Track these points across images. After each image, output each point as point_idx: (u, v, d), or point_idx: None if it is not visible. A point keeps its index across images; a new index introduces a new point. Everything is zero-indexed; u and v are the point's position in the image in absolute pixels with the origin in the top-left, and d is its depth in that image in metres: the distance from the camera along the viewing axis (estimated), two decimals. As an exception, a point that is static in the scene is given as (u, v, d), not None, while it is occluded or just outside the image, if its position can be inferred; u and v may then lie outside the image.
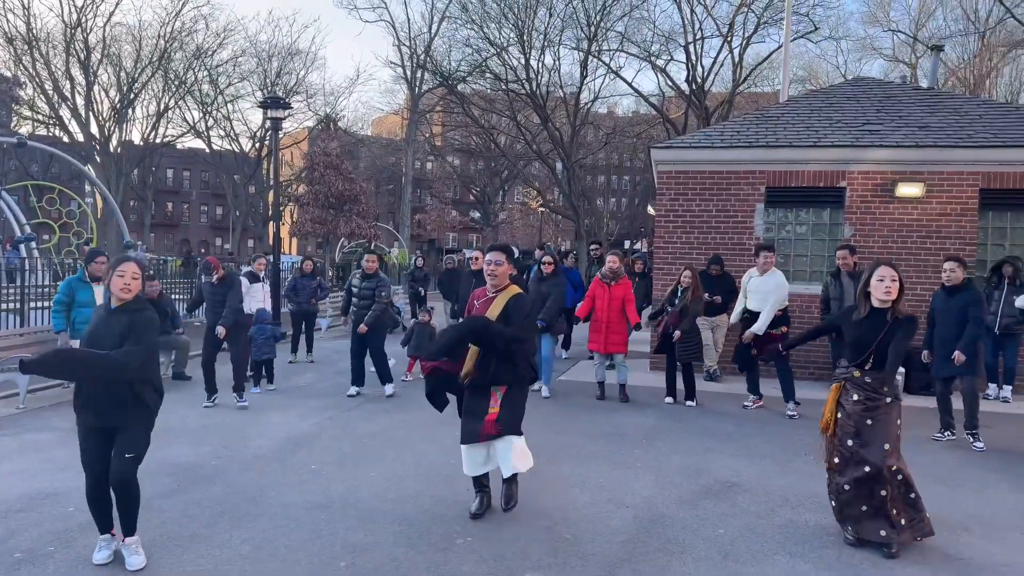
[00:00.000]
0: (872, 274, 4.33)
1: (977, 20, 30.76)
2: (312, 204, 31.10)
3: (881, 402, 4.24)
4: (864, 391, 4.26)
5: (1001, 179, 9.58)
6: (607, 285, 8.31)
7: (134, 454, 3.81)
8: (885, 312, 4.27)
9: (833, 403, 4.34)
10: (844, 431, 4.28)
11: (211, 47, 37.01)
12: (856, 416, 4.25)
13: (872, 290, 4.30)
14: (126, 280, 3.77)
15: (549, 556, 4.09)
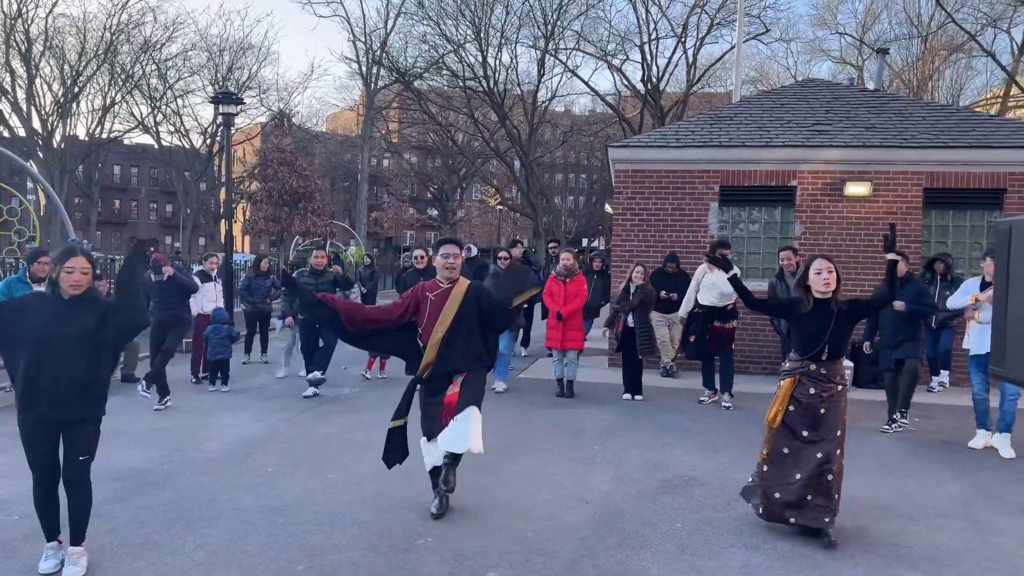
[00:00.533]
0: (809, 267, 4.45)
1: (920, 24, 31.77)
2: (265, 202, 30.59)
3: (834, 390, 4.35)
4: (819, 383, 4.34)
5: (943, 179, 9.91)
6: (563, 282, 8.37)
7: (88, 455, 3.71)
8: (829, 303, 4.38)
9: (786, 397, 4.38)
10: (798, 423, 4.34)
11: (159, 40, 36.04)
12: (812, 408, 4.32)
13: (811, 283, 4.41)
14: (75, 276, 3.61)
15: (510, 554, 4.10)
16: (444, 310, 4.55)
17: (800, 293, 4.48)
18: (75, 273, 3.60)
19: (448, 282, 4.67)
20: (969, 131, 10.24)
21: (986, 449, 6.51)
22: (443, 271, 4.67)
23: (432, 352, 4.55)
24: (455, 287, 4.63)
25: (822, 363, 4.36)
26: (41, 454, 3.68)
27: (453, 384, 4.55)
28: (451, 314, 4.54)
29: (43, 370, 3.55)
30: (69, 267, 3.60)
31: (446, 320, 4.53)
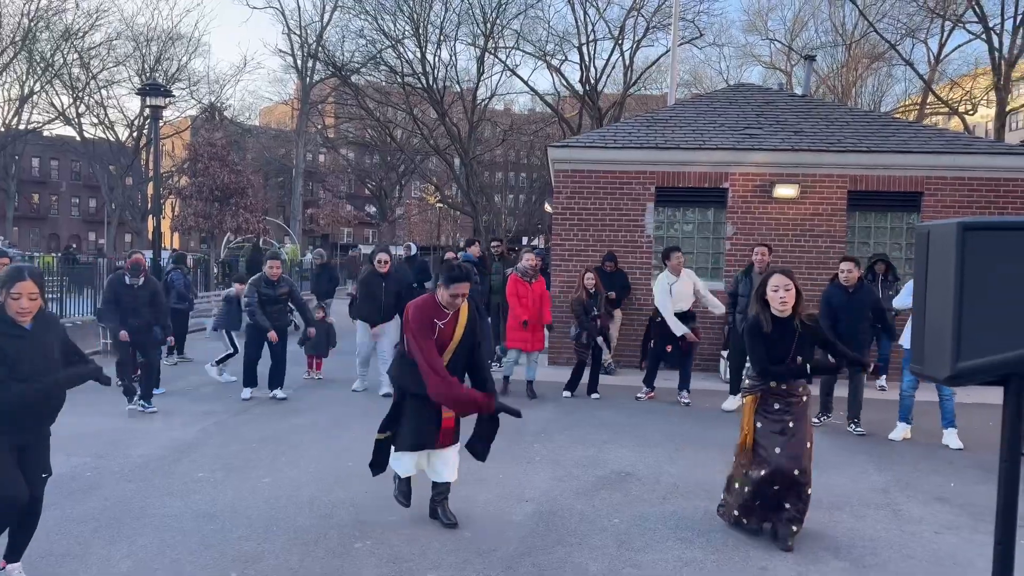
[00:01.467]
0: (767, 283, 4.28)
1: (844, 33, 33.07)
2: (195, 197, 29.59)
3: (800, 401, 4.26)
4: (784, 399, 4.24)
5: (866, 182, 10.35)
6: (528, 283, 8.36)
7: (48, 473, 3.59)
8: (791, 321, 4.21)
9: (751, 417, 4.27)
10: (769, 439, 4.21)
11: (82, 28, 34.44)
12: (781, 421, 4.21)
13: (768, 299, 4.25)
14: (23, 303, 3.27)
15: (449, 555, 4.09)
16: (453, 336, 4.41)
17: (756, 306, 4.31)
18: (22, 299, 3.26)
19: (452, 308, 4.46)
20: (890, 136, 10.72)
21: (905, 441, 6.84)
22: (447, 300, 4.40)
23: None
24: (460, 312, 4.47)
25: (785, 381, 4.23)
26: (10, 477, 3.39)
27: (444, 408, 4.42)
28: (457, 339, 4.42)
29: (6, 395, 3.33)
30: (15, 293, 3.25)
31: (453, 347, 4.41)
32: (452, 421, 4.46)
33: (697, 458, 6.12)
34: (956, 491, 5.43)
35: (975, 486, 5.52)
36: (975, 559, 4.20)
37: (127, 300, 7.63)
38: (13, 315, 3.28)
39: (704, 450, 6.37)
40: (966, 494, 5.34)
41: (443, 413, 4.40)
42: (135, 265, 7.70)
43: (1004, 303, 1.62)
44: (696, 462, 6.00)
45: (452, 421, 4.46)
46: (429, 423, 4.41)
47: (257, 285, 8.24)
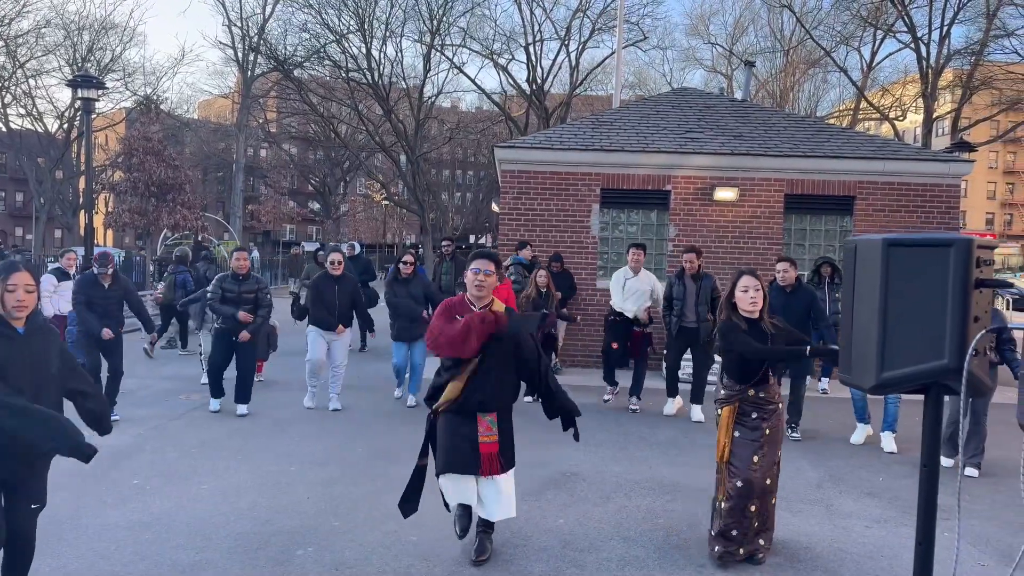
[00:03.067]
0: (736, 285, 4.21)
1: (783, 39, 34.08)
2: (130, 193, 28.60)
3: (776, 408, 4.19)
4: (759, 407, 4.15)
5: (801, 185, 10.69)
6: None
7: (40, 504, 3.26)
8: (760, 324, 4.18)
9: (729, 427, 4.14)
10: (748, 450, 4.10)
11: (8, 15, 32.90)
12: (758, 429, 4.13)
13: (737, 301, 4.18)
14: (19, 295, 3.07)
15: (393, 561, 4.07)
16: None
17: (725, 311, 4.24)
18: (18, 291, 3.08)
19: (480, 305, 4.01)
20: (824, 142, 11.10)
21: (837, 437, 7.08)
22: (472, 289, 4.01)
23: (457, 387, 3.93)
24: (493, 307, 4.00)
25: (760, 387, 4.16)
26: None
27: (482, 425, 3.96)
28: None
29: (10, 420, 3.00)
30: (11, 285, 3.07)
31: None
32: (495, 445, 3.97)
33: (640, 457, 6.23)
34: (885, 485, 5.66)
35: (903, 480, 5.77)
36: (902, 552, 4.39)
37: (99, 302, 7.07)
38: (10, 309, 3.09)
39: (647, 449, 6.50)
40: (894, 488, 5.58)
41: (480, 436, 3.95)
42: (103, 256, 7.18)
43: (925, 316, 1.71)
44: (639, 460, 6.12)
45: (495, 445, 3.97)
46: (463, 442, 3.94)
47: (222, 281, 7.61)
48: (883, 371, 1.73)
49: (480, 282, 3.99)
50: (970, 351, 1.65)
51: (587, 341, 10.68)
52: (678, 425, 7.46)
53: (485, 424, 3.98)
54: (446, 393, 3.96)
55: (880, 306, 1.71)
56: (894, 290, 1.70)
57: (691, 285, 7.79)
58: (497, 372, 3.98)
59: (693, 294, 7.74)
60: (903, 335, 1.71)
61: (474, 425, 3.95)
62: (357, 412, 7.75)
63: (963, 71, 27.33)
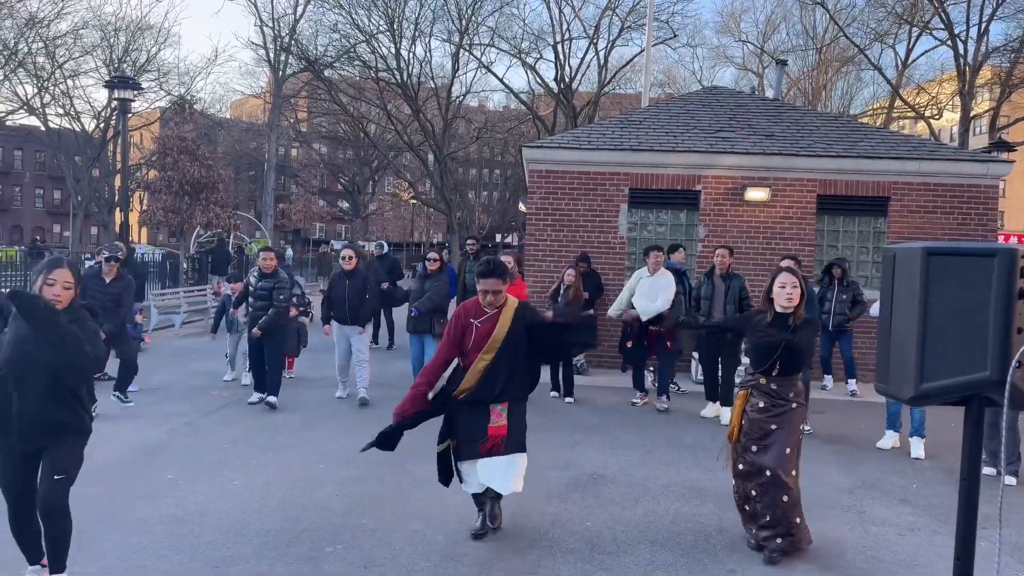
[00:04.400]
0: (774, 281, 4.31)
1: (815, 36, 33.57)
2: (164, 191, 29.14)
3: (786, 407, 4.21)
4: (770, 398, 4.22)
5: (834, 186, 10.53)
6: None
7: (64, 474, 3.39)
8: (787, 317, 4.25)
9: (740, 410, 4.29)
10: (748, 438, 4.23)
11: (48, 16, 33.62)
12: (761, 422, 4.21)
13: (775, 296, 4.28)
14: (56, 290, 3.28)
15: (421, 560, 4.09)
16: (492, 337, 4.19)
17: (763, 305, 4.36)
18: (56, 287, 3.29)
19: (492, 307, 4.26)
20: (858, 141, 10.91)
21: (868, 443, 6.96)
22: (485, 306, 4.27)
23: (473, 379, 4.20)
24: (503, 310, 4.24)
25: (773, 378, 4.23)
26: (12, 475, 3.37)
27: (495, 414, 4.22)
28: (498, 341, 4.19)
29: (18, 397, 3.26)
30: (51, 280, 3.29)
31: (493, 347, 4.18)
32: (503, 428, 4.21)
33: (668, 460, 6.19)
34: (919, 493, 5.56)
35: (937, 487, 5.66)
36: (936, 561, 4.31)
37: (96, 296, 7.27)
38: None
39: (675, 452, 6.45)
40: (928, 495, 5.47)
41: (490, 423, 4.20)
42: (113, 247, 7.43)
43: (966, 327, 1.67)
44: (667, 463, 6.07)
45: (503, 428, 4.21)
46: (477, 430, 4.21)
47: (250, 278, 7.93)
48: (922, 382, 1.69)
49: (491, 301, 4.27)
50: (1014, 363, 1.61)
51: (613, 342, 10.61)
52: (706, 428, 7.40)
53: (496, 412, 4.25)
54: (463, 383, 4.24)
55: (920, 316, 1.68)
56: (934, 300, 1.67)
57: (720, 284, 7.72)
58: (510, 366, 4.22)
59: (721, 294, 7.66)
60: (943, 346, 1.68)
61: (487, 414, 4.23)
62: (384, 410, 7.76)
63: (1002, 69, 26.67)
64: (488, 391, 4.20)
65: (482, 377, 4.18)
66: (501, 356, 4.18)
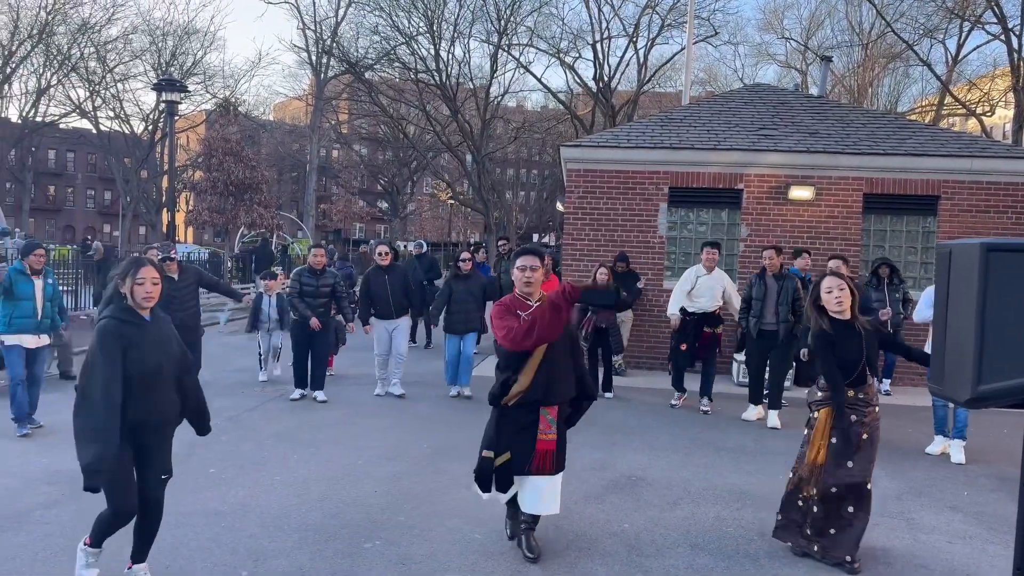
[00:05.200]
0: (820, 288, 4.16)
1: (861, 32, 32.78)
2: (210, 192, 29.74)
3: (873, 412, 4.11)
4: (859, 409, 4.06)
5: (881, 184, 10.26)
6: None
7: (168, 474, 3.62)
8: (853, 323, 4.10)
9: (826, 431, 4.07)
10: (843, 455, 4.03)
11: (99, 22, 34.64)
12: (856, 436, 4.03)
13: (825, 304, 4.14)
14: (147, 288, 3.39)
15: (458, 557, 4.09)
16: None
17: (812, 313, 4.20)
18: (146, 284, 3.39)
19: (534, 300, 4.05)
20: (906, 139, 10.62)
21: (915, 448, 6.76)
22: (521, 286, 4.07)
23: (527, 378, 3.93)
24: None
25: (860, 387, 4.07)
26: (130, 478, 3.47)
27: (543, 424, 3.99)
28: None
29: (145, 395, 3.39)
30: (140, 278, 3.39)
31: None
32: (552, 443, 4.00)
33: (708, 463, 6.09)
34: (969, 500, 5.38)
35: (988, 494, 5.48)
36: (989, 571, 4.16)
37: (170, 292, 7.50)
38: (140, 300, 3.40)
39: (716, 455, 6.35)
40: (979, 503, 5.29)
41: (540, 434, 3.97)
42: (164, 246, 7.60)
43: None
44: (706, 466, 5.98)
45: (552, 443, 4.00)
46: (525, 440, 3.98)
47: (299, 275, 8.02)
48: (980, 384, 1.62)
49: (528, 278, 4.02)
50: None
51: (652, 343, 10.53)
52: (749, 431, 7.27)
53: (546, 422, 3.99)
54: (517, 385, 3.96)
55: (977, 315, 1.61)
56: (993, 298, 1.59)
57: (772, 284, 7.54)
58: (560, 364, 4.01)
59: (774, 294, 7.48)
60: (1003, 346, 1.60)
61: (536, 421, 3.98)
62: (422, 408, 7.85)
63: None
64: (542, 391, 3.96)
65: (537, 375, 3.93)
66: (552, 351, 3.94)
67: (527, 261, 4.04)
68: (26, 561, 3.89)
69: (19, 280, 6.66)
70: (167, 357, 3.48)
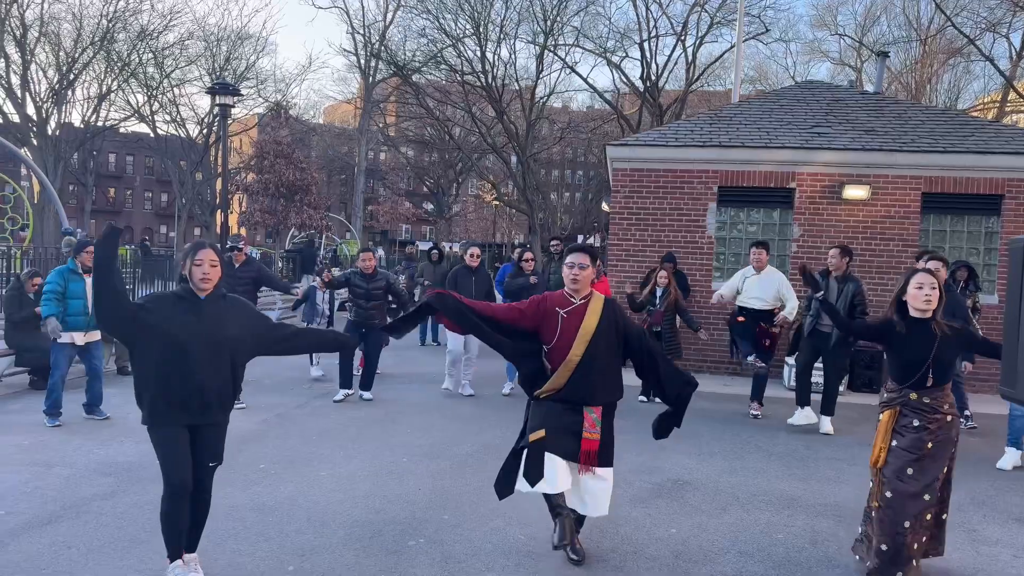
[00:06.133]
0: (909, 282, 3.91)
1: (919, 27, 31.77)
2: (261, 193, 30.42)
3: (942, 422, 3.82)
4: (924, 414, 3.82)
5: (941, 183, 9.90)
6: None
7: (218, 462, 3.66)
8: (929, 323, 3.85)
9: (887, 433, 3.89)
10: (902, 460, 3.82)
11: (156, 29, 35.73)
12: (918, 442, 3.81)
13: (910, 299, 3.88)
14: (204, 269, 3.49)
15: (502, 558, 4.06)
16: (582, 327, 3.86)
17: (891, 309, 3.98)
18: (203, 266, 3.49)
19: (579, 297, 3.97)
20: (968, 136, 10.23)
21: (980, 456, 6.47)
22: (568, 284, 3.97)
23: (563, 376, 3.84)
24: (591, 302, 3.95)
25: (925, 391, 3.83)
26: (182, 463, 3.51)
27: (588, 422, 3.87)
28: (590, 332, 3.86)
29: (182, 373, 3.41)
30: (198, 260, 3.51)
31: (585, 338, 3.84)
32: (596, 443, 3.89)
33: (758, 468, 5.94)
34: (1037, 512, 5.13)
35: (1058, 508, 5.21)
36: (1059, 587, 3.95)
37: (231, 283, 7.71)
38: (197, 281, 3.49)
39: (766, 460, 6.19)
40: (1048, 516, 5.04)
41: (585, 432, 3.87)
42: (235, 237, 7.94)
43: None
44: (757, 472, 5.83)
45: (596, 443, 3.89)
46: (567, 432, 3.86)
47: (349, 277, 8.12)
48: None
49: (575, 276, 3.94)
50: None
51: (700, 345, 10.33)
52: (801, 436, 7.08)
53: (591, 420, 3.89)
54: (550, 382, 3.89)
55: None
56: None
57: (834, 286, 7.29)
58: (603, 363, 3.89)
59: (834, 296, 7.24)
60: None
61: (580, 418, 3.87)
62: (466, 407, 7.86)
63: None
64: (581, 391, 3.85)
65: (575, 373, 3.83)
66: (594, 350, 3.84)
67: (577, 259, 3.95)
68: (82, 550, 4.00)
69: (71, 279, 6.90)
70: (206, 337, 3.45)
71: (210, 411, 3.52)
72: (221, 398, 3.55)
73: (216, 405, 3.54)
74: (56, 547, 4.03)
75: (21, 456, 5.64)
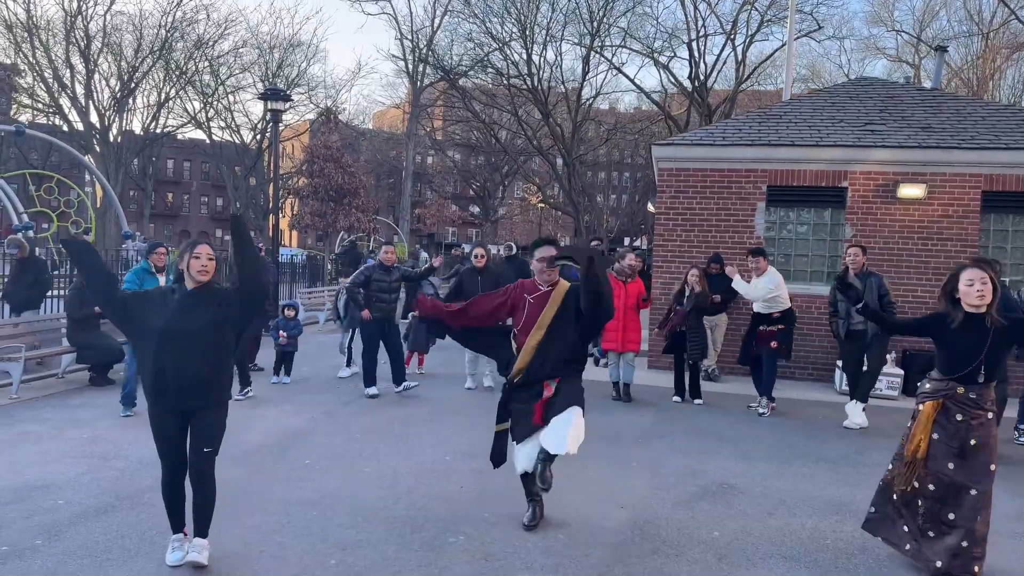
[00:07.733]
0: (959, 276, 3.88)
1: (981, 21, 30.67)
2: (312, 197, 31.03)
3: (983, 417, 3.82)
4: (967, 408, 3.82)
5: (1003, 181, 9.52)
6: (623, 283, 8.26)
7: (212, 448, 3.77)
8: (983, 318, 3.81)
9: (928, 424, 3.88)
10: (944, 454, 3.83)
11: (212, 38, 36.81)
12: (960, 437, 3.81)
13: (962, 296, 3.85)
14: (203, 262, 3.72)
15: (542, 557, 4.05)
16: (543, 314, 4.34)
17: (944, 305, 3.94)
18: (202, 259, 3.72)
19: (547, 285, 4.45)
20: (1032, 132, 9.82)
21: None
22: (539, 275, 4.46)
23: (526, 357, 4.34)
24: (555, 289, 4.43)
25: (973, 386, 3.81)
26: (170, 445, 3.74)
27: (546, 388, 4.33)
28: (549, 318, 4.32)
29: (169, 362, 3.60)
30: (196, 253, 3.73)
31: (544, 324, 4.32)
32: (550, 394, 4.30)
33: (806, 473, 5.80)
34: (1105, 524, 4.88)
35: None
36: None
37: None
38: (194, 273, 3.72)
39: (814, 465, 6.04)
40: (1117, 528, 4.79)
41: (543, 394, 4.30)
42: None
43: None
44: (804, 476, 5.69)
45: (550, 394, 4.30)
46: (524, 411, 4.36)
47: (370, 272, 8.32)
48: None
49: (542, 267, 4.43)
50: None
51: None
52: (851, 441, 6.88)
53: (548, 387, 4.33)
54: (518, 362, 4.37)
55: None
56: None
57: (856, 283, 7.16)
58: (561, 345, 4.32)
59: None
60: None
61: (540, 393, 4.33)
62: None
63: None
64: (539, 370, 4.31)
65: (535, 355, 4.31)
66: (551, 334, 4.30)
67: (546, 252, 4.40)
68: (134, 540, 4.12)
69: (146, 279, 7.21)
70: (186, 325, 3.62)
71: (185, 396, 3.65)
72: (202, 383, 3.67)
73: (194, 390, 3.65)
74: (110, 536, 4.17)
75: (80, 449, 5.85)
